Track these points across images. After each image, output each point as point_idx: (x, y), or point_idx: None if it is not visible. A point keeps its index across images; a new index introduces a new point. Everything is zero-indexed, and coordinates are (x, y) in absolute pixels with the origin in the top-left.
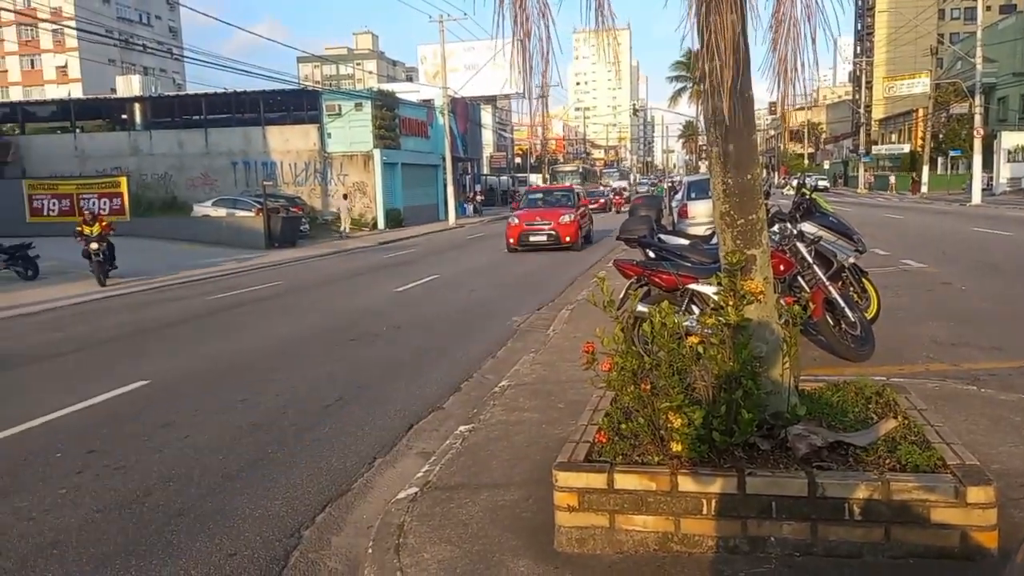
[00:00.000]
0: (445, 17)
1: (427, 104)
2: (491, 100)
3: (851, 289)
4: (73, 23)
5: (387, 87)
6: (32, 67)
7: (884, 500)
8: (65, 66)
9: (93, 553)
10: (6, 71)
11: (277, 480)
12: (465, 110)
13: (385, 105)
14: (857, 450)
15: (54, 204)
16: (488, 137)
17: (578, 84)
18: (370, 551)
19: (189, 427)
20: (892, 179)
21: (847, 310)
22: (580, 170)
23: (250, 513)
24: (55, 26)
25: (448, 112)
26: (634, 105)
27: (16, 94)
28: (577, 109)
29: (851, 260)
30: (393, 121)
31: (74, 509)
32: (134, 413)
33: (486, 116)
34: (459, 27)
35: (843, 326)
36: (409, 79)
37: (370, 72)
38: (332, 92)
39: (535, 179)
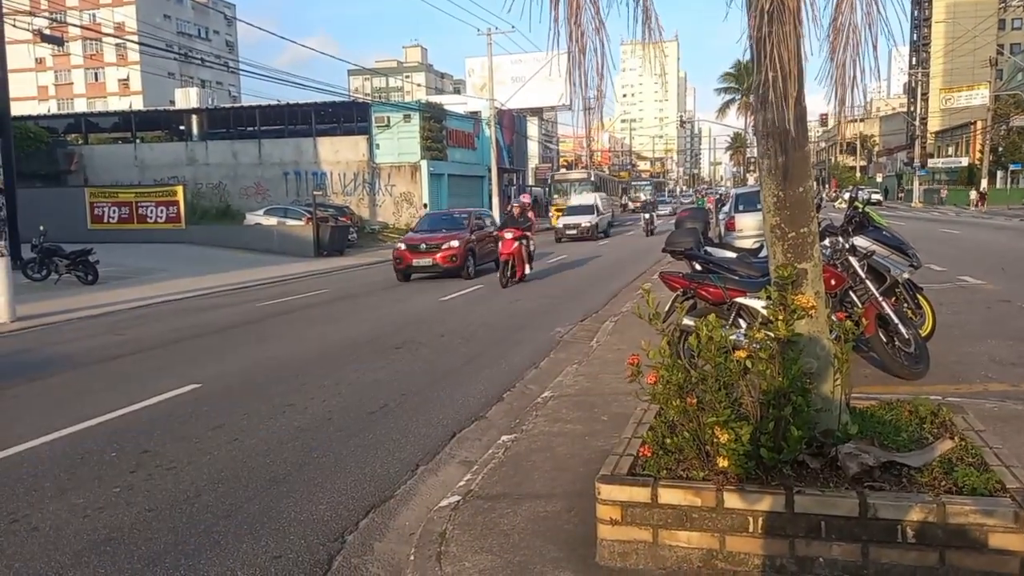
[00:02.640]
0: (493, 30)
1: (474, 116)
2: (537, 112)
3: (905, 305)
4: (136, 38)
5: (435, 99)
6: (96, 80)
7: (939, 523)
8: (127, 79)
9: (144, 551)
10: (71, 83)
11: (322, 485)
12: (511, 122)
13: (433, 117)
14: (911, 471)
15: (114, 211)
16: (534, 148)
17: (624, 96)
18: (412, 558)
19: (238, 430)
20: (973, 195)
21: (901, 327)
22: (593, 178)
23: (295, 516)
24: (119, 40)
25: (495, 124)
26: (681, 117)
27: (80, 106)
28: (623, 121)
29: (905, 275)
30: (440, 132)
31: (127, 508)
32: (186, 415)
33: (532, 128)
34: (507, 40)
35: (896, 343)
36: (457, 91)
37: (419, 84)
38: (381, 104)
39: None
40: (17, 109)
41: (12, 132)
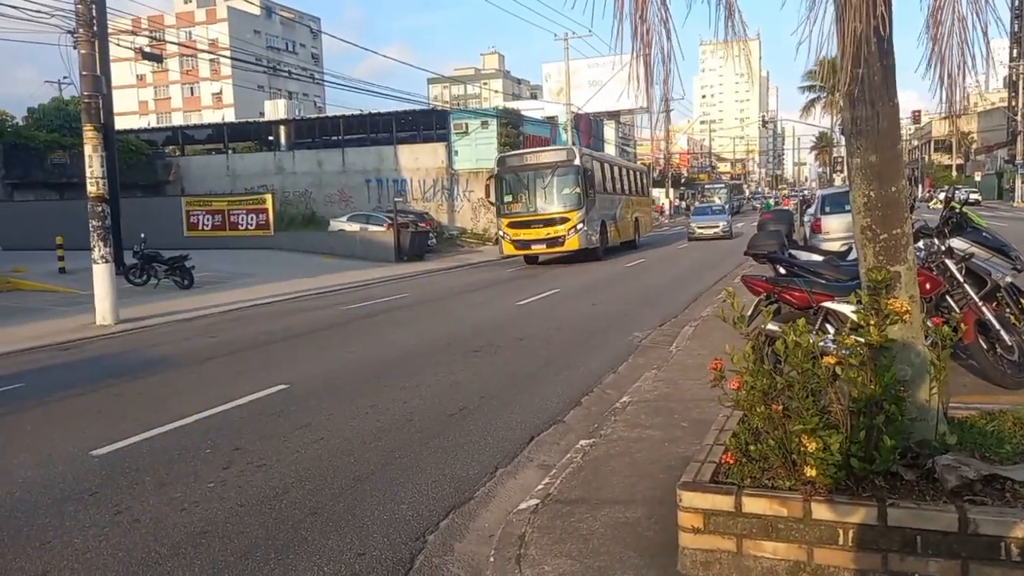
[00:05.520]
0: (570, 35)
1: (551, 121)
2: (614, 115)
3: (1008, 311)
4: (228, 53)
5: (512, 105)
6: (191, 94)
7: None
8: (220, 93)
9: (237, 545)
10: (169, 98)
11: (404, 485)
12: (588, 126)
13: (510, 122)
14: (1016, 485)
15: (208, 219)
16: (611, 152)
17: (704, 97)
18: (492, 560)
19: (324, 430)
20: None
21: (1003, 333)
22: (578, 160)
23: (378, 515)
24: (212, 56)
25: (571, 128)
26: (763, 117)
27: (177, 119)
28: (703, 122)
29: (1008, 279)
30: (517, 138)
31: (221, 502)
32: (275, 414)
33: (609, 131)
34: (583, 44)
35: (998, 350)
36: (533, 96)
37: (496, 91)
38: (459, 111)
39: (657, 194)
40: (120, 123)
41: (116, 145)
